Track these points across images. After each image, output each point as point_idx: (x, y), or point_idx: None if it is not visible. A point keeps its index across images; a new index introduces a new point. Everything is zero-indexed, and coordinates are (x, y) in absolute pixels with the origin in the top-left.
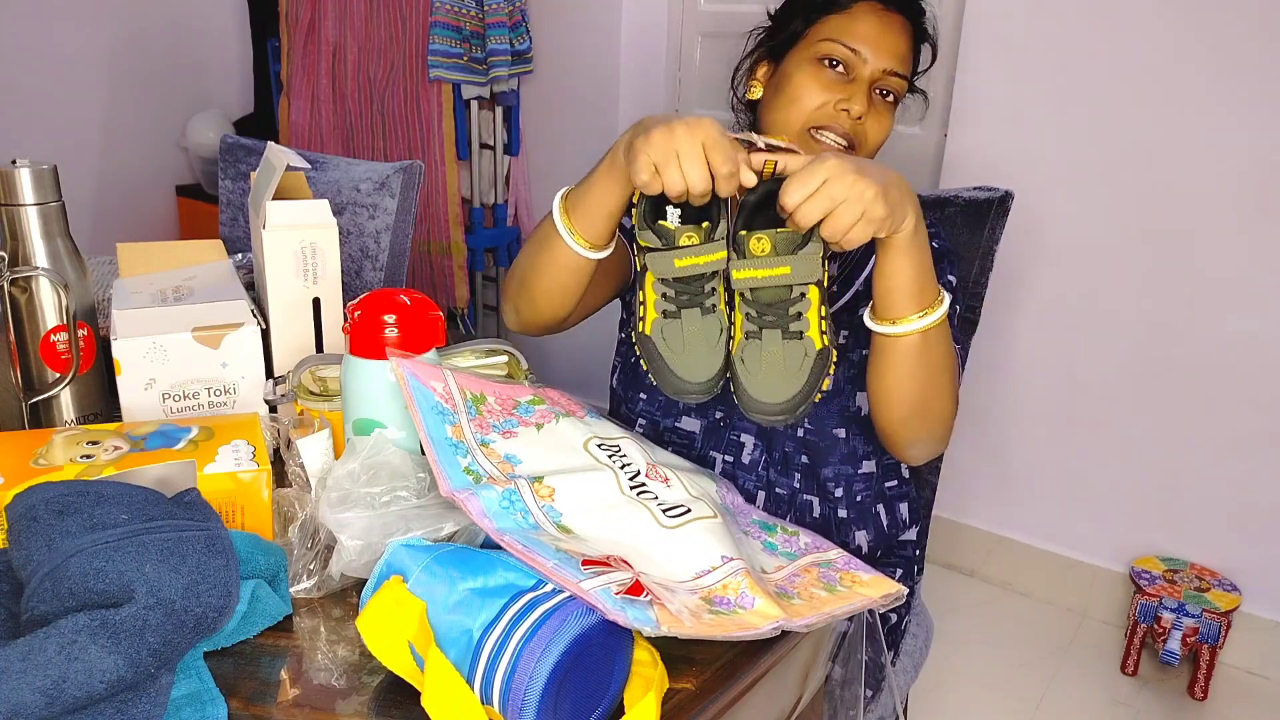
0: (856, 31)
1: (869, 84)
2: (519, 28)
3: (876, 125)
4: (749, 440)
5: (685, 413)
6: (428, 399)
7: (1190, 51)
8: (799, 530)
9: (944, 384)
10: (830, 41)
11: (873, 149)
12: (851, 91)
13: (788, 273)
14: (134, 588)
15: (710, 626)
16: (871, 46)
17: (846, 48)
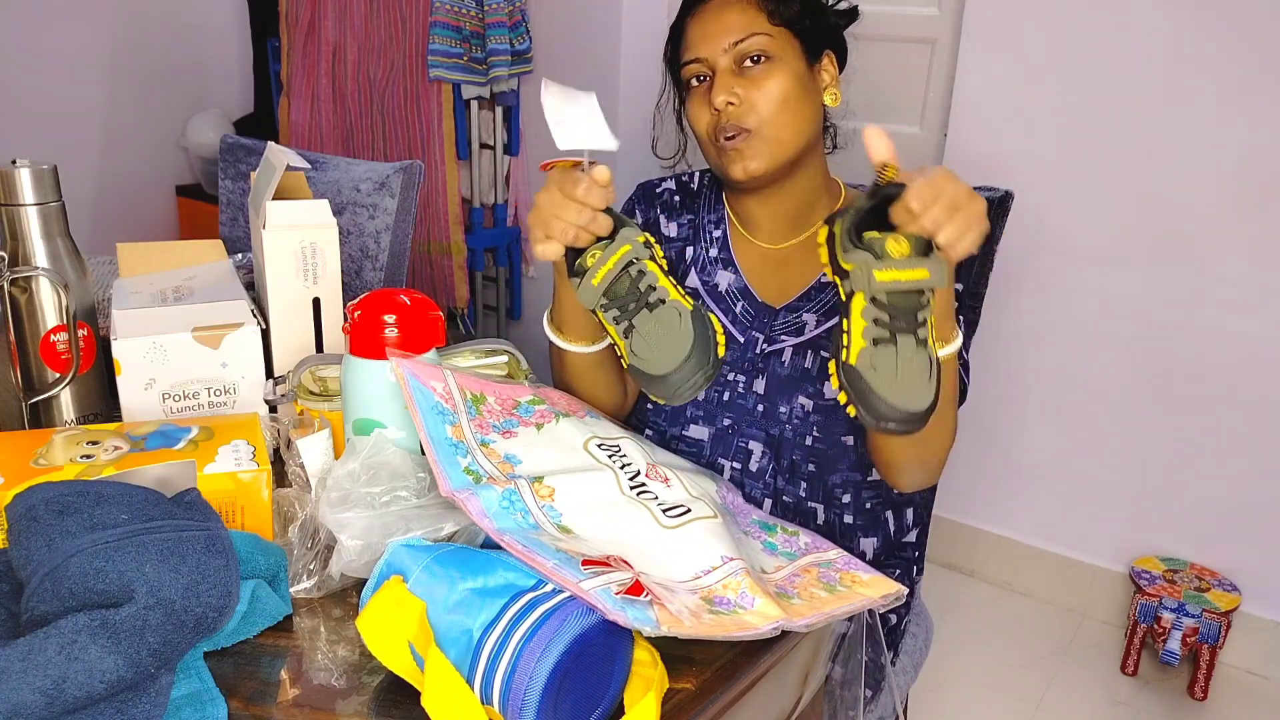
0: (690, 43)
1: (727, 69)
2: (519, 28)
3: (756, 90)
4: (757, 448)
5: (693, 420)
6: (428, 399)
7: (1190, 51)
8: (799, 530)
9: (945, 417)
10: (683, 67)
11: (772, 112)
12: (716, 90)
13: (926, 276)
14: (134, 588)
15: (710, 626)
16: (704, 45)
17: (693, 63)
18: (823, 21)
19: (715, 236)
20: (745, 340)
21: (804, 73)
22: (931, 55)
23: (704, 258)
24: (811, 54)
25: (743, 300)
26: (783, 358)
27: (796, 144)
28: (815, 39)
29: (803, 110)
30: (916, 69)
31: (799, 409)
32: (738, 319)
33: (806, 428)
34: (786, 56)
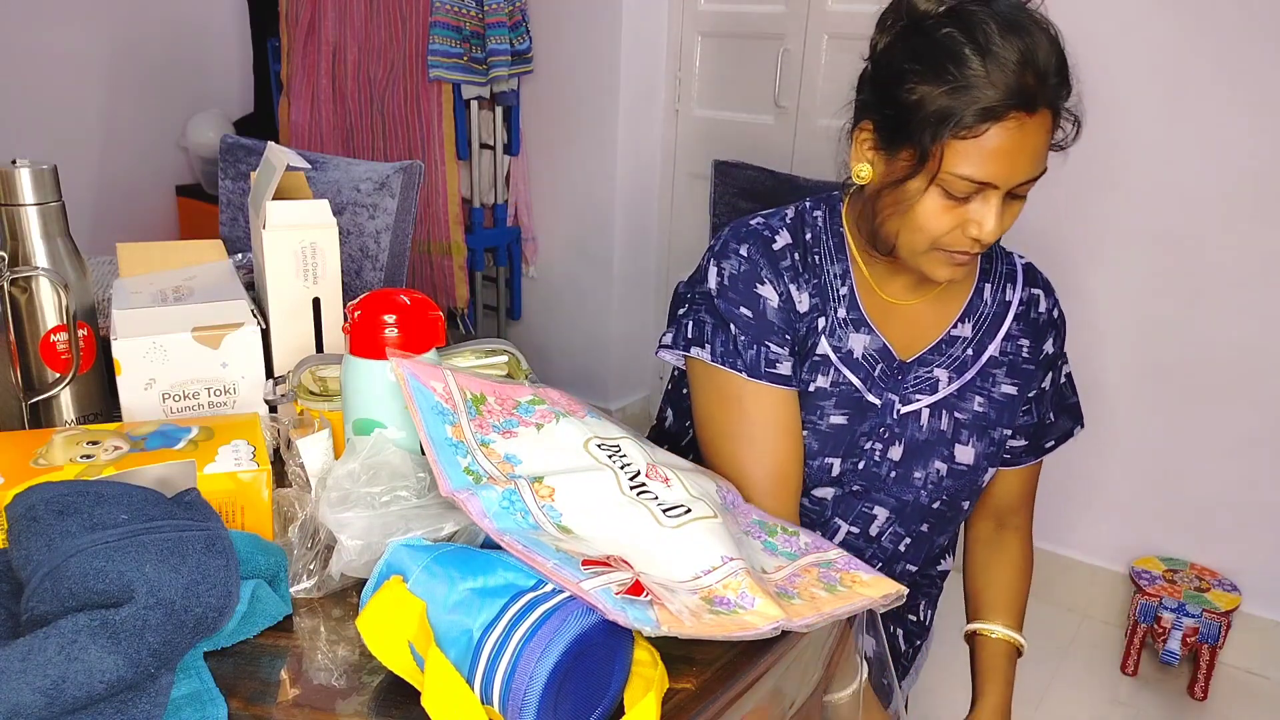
0: (988, 159)
1: (1002, 198)
2: (519, 28)
3: (1010, 218)
4: (882, 514)
5: (820, 482)
6: (428, 399)
7: (1191, 51)
8: (799, 530)
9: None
10: (959, 179)
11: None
12: (983, 215)
13: None
14: (134, 588)
15: (710, 626)
16: (1006, 171)
17: (977, 183)
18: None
19: (842, 295)
20: (881, 404)
21: None
22: None
23: (834, 320)
24: None
25: (882, 362)
26: (920, 420)
27: None
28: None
29: None
30: None
31: (934, 474)
32: (875, 383)
33: (939, 493)
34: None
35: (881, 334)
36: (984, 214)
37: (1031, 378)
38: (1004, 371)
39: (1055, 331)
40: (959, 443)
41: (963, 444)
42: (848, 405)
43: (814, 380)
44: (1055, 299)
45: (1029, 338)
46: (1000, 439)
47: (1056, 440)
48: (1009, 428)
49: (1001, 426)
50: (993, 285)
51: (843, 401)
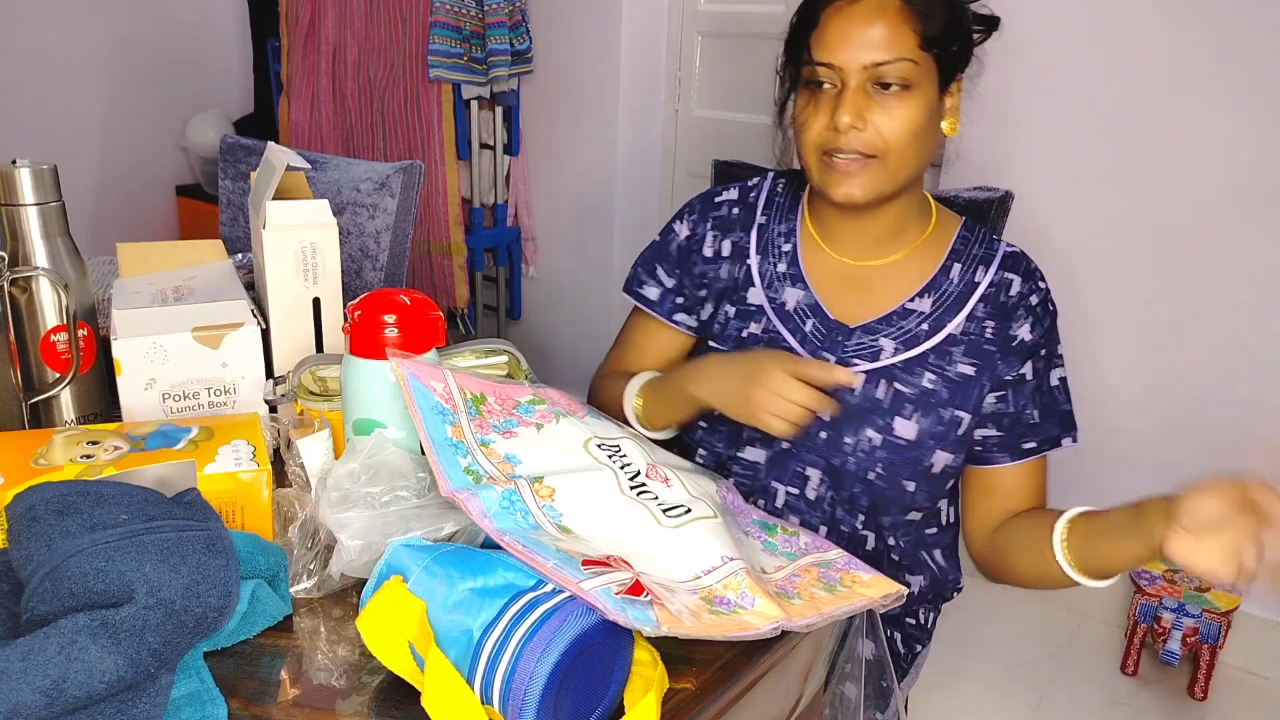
0: (825, 43)
1: (860, 87)
2: (519, 28)
3: (887, 120)
4: (815, 475)
5: (749, 442)
6: (428, 399)
7: (1191, 50)
8: (799, 530)
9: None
10: (809, 65)
11: (900, 145)
12: (840, 102)
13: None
14: (134, 588)
15: (710, 626)
16: (842, 51)
17: (822, 65)
18: (967, 44)
19: (785, 250)
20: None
21: (935, 102)
22: None
23: (771, 273)
24: (945, 80)
25: (813, 318)
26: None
27: (910, 176)
28: (954, 64)
29: (926, 142)
30: None
31: (865, 442)
32: (807, 338)
33: (871, 463)
34: (924, 85)
35: (816, 292)
36: (841, 101)
37: (993, 360)
38: (962, 350)
39: (1033, 319)
40: (899, 415)
41: (904, 417)
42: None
43: (746, 327)
44: (1040, 288)
45: (995, 320)
46: (952, 420)
47: (1039, 444)
48: (965, 410)
49: (954, 407)
50: (963, 266)
51: (770, 348)
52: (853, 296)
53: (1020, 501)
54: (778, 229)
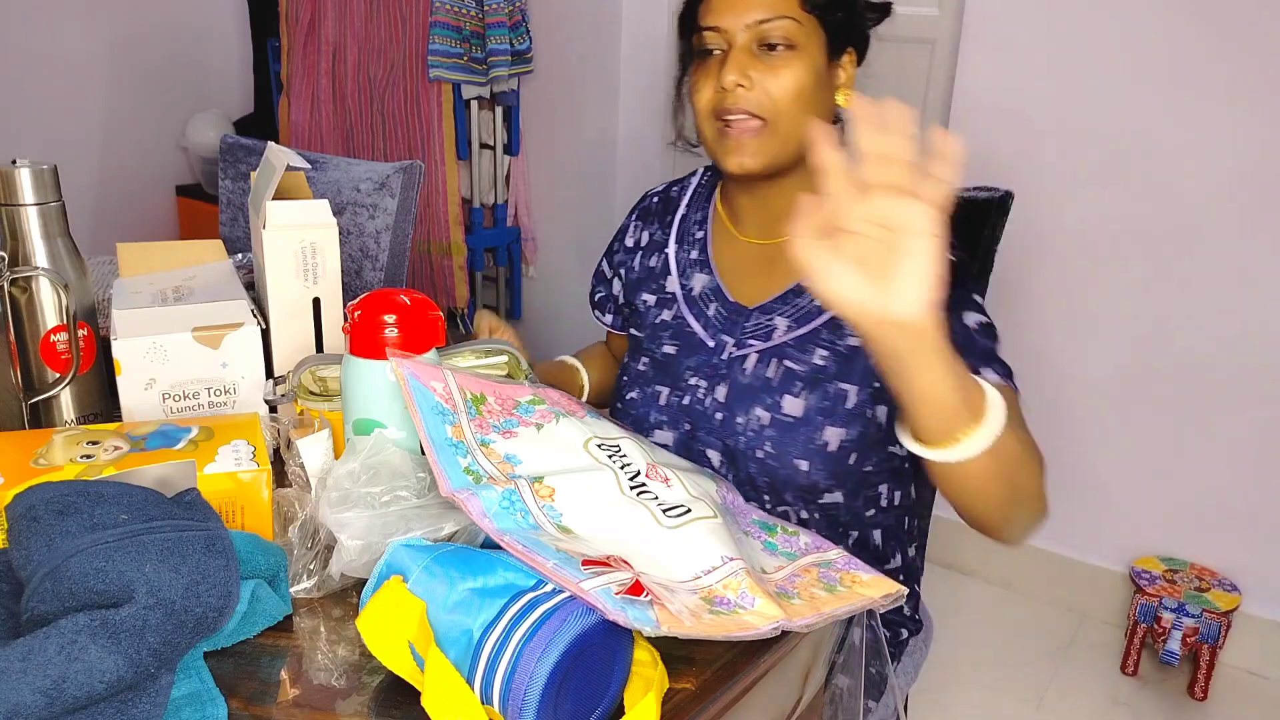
0: (711, 8)
1: (745, 47)
2: (519, 28)
3: (772, 78)
4: (715, 457)
5: (658, 426)
6: (428, 399)
7: (1190, 51)
8: (799, 530)
9: (1027, 468)
10: (697, 33)
11: (788, 106)
12: (725, 63)
13: None
14: (134, 588)
15: (710, 626)
16: (726, 14)
17: (708, 29)
18: (853, 15)
19: (698, 238)
20: (714, 345)
21: (823, 67)
22: (931, 55)
23: (685, 260)
24: (834, 49)
25: (715, 302)
26: (745, 364)
27: (801, 144)
28: (842, 33)
29: (815, 107)
30: (916, 69)
31: (755, 421)
32: (710, 322)
33: (760, 441)
34: (810, 47)
35: (719, 276)
36: (726, 61)
37: None
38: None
39: None
40: (788, 393)
41: (793, 395)
42: (679, 338)
43: (660, 314)
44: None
45: None
46: (837, 393)
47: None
48: (849, 382)
49: (840, 380)
50: None
51: (677, 334)
52: (754, 278)
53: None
54: (694, 217)
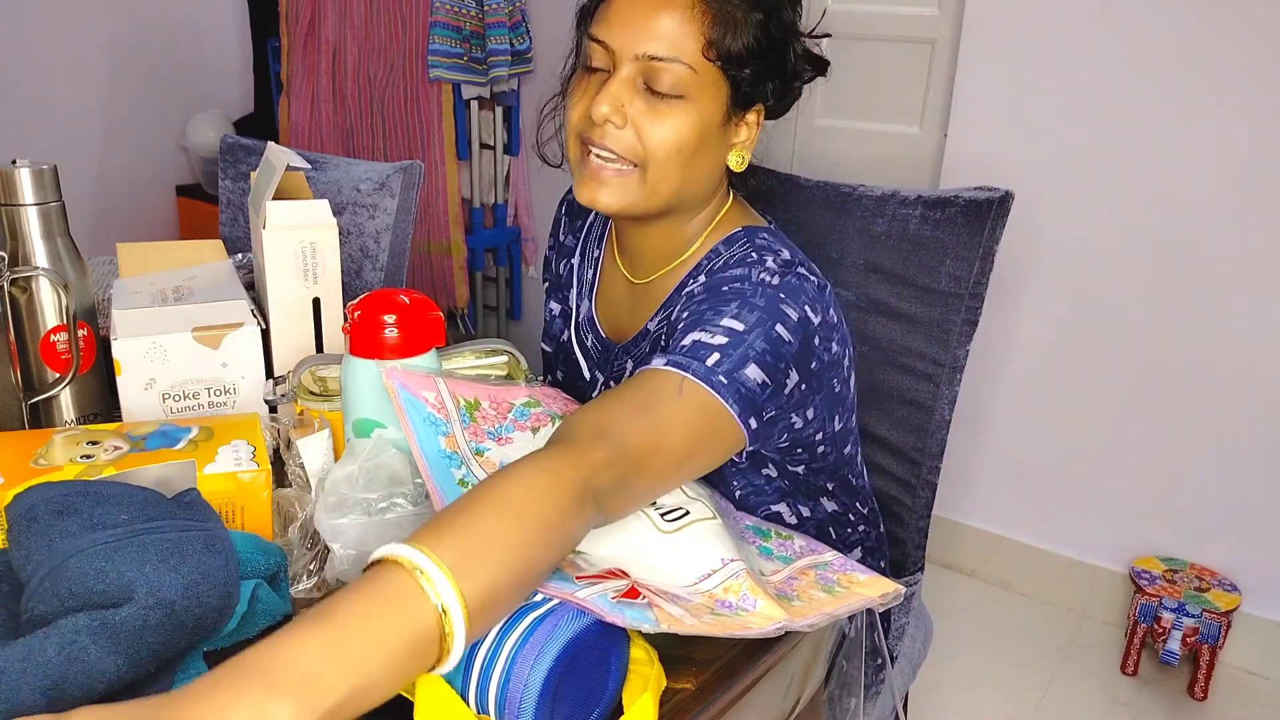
0: (607, 18)
1: (630, 79)
2: (519, 28)
3: (649, 124)
4: None
5: None
6: (420, 411)
7: (1190, 51)
8: (793, 534)
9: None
10: (589, 42)
11: (661, 158)
12: (603, 87)
13: None
14: (134, 588)
15: (711, 625)
16: (619, 32)
17: (596, 41)
18: (769, 73)
19: (594, 257)
20: (589, 378)
21: (717, 124)
22: (931, 55)
23: (583, 279)
24: (738, 104)
25: (591, 334)
26: None
27: (670, 198)
28: (749, 91)
29: (696, 165)
30: (916, 69)
31: None
32: (589, 353)
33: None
34: (704, 100)
35: (596, 307)
36: (602, 90)
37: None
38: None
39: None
40: None
41: None
42: (568, 365)
43: (564, 332)
44: (736, 275)
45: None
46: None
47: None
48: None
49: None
50: (705, 280)
51: (567, 359)
52: (624, 314)
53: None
54: (597, 231)
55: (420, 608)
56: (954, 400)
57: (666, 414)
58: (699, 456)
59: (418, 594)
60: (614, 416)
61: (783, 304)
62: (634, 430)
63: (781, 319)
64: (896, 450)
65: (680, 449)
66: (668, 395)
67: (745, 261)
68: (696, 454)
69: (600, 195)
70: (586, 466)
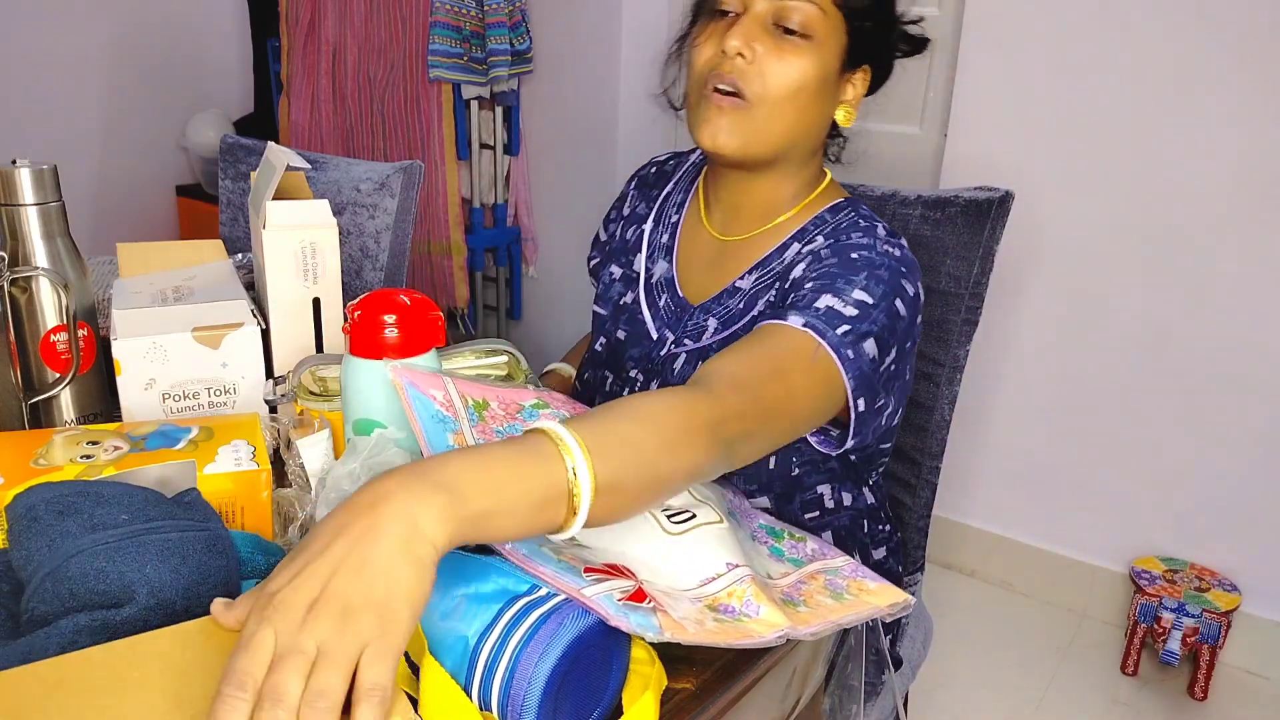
0: None
1: (761, 18)
2: (519, 28)
3: (776, 61)
4: None
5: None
6: (428, 408)
7: (1190, 51)
8: (806, 536)
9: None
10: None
11: (778, 95)
12: (733, 29)
13: None
14: (135, 588)
15: (714, 634)
16: None
17: None
18: (885, 34)
19: (672, 221)
20: (657, 338)
21: (833, 74)
22: (931, 55)
23: (655, 243)
24: (852, 59)
25: (667, 294)
26: (675, 365)
27: (784, 142)
28: (865, 45)
29: (810, 110)
30: (916, 69)
31: None
32: (659, 314)
33: None
34: (827, 45)
35: (676, 267)
36: (734, 26)
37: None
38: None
39: (810, 259)
40: None
41: None
42: (631, 325)
43: (625, 295)
44: (862, 243)
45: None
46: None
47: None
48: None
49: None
50: (801, 245)
51: (631, 319)
52: (705, 273)
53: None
54: (676, 198)
55: (556, 466)
56: (954, 400)
57: (798, 381)
58: (811, 424)
59: (555, 456)
60: (750, 371)
61: (903, 278)
62: (768, 389)
63: (901, 294)
64: (897, 450)
65: (803, 417)
66: (802, 361)
67: (867, 231)
68: (811, 422)
69: (721, 136)
70: (721, 409)
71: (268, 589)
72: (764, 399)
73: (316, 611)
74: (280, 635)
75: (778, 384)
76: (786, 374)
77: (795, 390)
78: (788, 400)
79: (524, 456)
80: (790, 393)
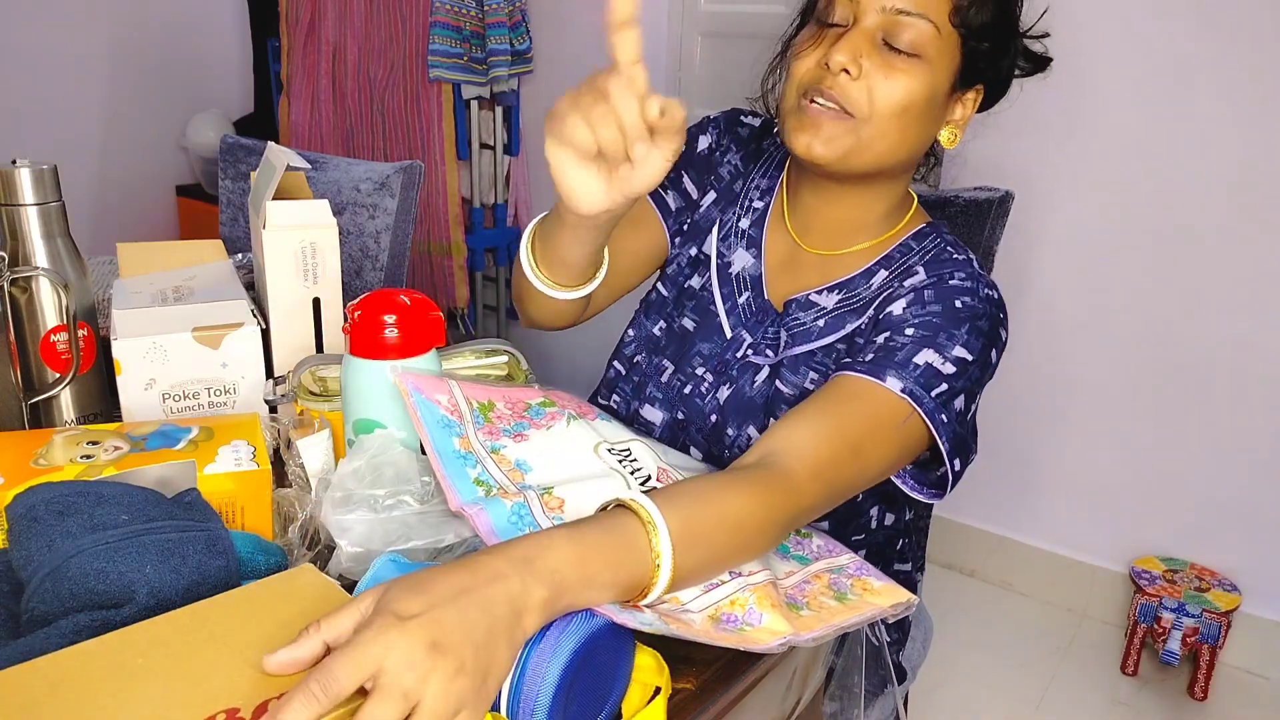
0: None
1: (870, 32)
2: (519, 28)
3: (883, 78)
4: (698, 455)
5: (650, 401)
6: (433, 413)
7: (1191, 52)
8: (811, 532)
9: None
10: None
11: (884, 114)
12: (839, 41)
13: None
14: (134, 588)
15: (718, 635)
16: None
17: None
18: (1003, 54)
19: (756, 208)
20: (731, 338)
21: (943, 93)
22: None
23: (733, 226)
24: (965, 79)
25: (750, 292)
26: (756, 377)
27: (884, 160)
28: (980, 65)
29: (913, 130)
30: None
31: (745, 438)
32: (737, 310)
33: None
34: (938, 65)
35: (765, 264)
36: (841, 40)
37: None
38: (848, 351)
39: (911, 297)
40: (773, 416)
41: (777, 419)
42: (700, 315)
43: (691, 278)
44: (955, 280)
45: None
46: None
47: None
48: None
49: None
50: (890, 273)
51: (700, 309)
52: (782, 277)
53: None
54: (762, 182)
55: (644, 560)
56: None
57: (877, 452)
58: (873, 485)
59: (645, 546)
60: (833, 453)
61: (1001, 325)
62: (845, 473)
63: (997, 343)
64: None
65: (866, 485)
66: (888, 427)
67: (968, 271)
68: (874, 484)
69: (817, 145)
70: (798, 504)
71: (394, 609)
72: (838, 484)
73: (436, 660)
74: (392, 662)
75: (855, 464)
76: (867, 450)
77: (869, 463)
78: (859, 478)
79: (619, 551)
80: (863, 469)
